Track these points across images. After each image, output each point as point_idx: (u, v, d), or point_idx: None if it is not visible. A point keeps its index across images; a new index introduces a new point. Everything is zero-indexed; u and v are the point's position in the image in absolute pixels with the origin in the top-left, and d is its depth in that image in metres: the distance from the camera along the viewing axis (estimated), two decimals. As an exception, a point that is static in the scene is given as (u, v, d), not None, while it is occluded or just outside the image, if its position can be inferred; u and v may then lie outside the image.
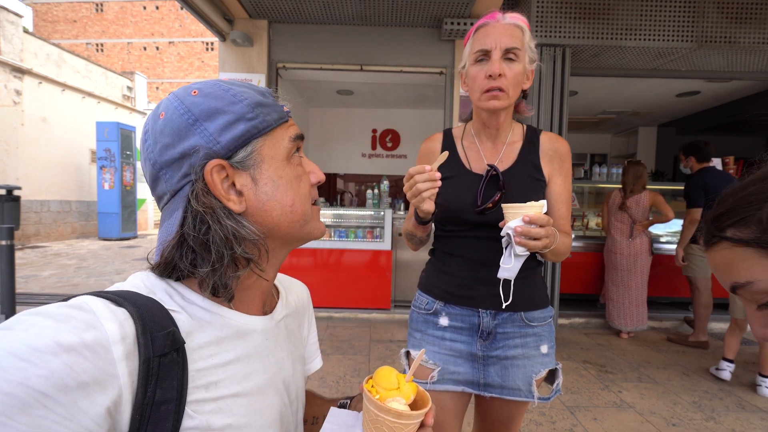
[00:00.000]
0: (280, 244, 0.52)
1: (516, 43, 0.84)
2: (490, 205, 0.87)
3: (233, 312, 0.48)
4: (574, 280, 3.93)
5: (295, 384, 0.56)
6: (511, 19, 0.86)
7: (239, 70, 3.53)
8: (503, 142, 0.96)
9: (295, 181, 0.50)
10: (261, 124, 0.46)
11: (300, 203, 0.50)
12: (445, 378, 0.94)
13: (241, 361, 0.46)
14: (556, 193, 0.95)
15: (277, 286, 0.62)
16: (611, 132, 7.15)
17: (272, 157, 0.48)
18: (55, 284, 4.77)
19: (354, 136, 5.79)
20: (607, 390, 2.37)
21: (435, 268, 1.02)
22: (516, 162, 0.94)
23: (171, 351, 0.38)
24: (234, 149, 0.45)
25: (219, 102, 0.45)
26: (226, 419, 0.43)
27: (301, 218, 0.50)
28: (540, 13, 3.08)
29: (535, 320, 0.94)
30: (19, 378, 0.29)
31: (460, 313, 0.95)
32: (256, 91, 0.48)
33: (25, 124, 7.93)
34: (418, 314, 1.01)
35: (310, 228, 0.53)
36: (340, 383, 2.36)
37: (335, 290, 3.68)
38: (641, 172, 3.21)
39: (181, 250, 0.44)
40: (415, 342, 1.00)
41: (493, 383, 0.94)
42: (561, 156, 0.95)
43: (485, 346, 0.94)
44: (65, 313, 0.34)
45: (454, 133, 1.02)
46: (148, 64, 21.96)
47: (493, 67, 0.84)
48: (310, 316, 0.69)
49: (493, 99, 0.86)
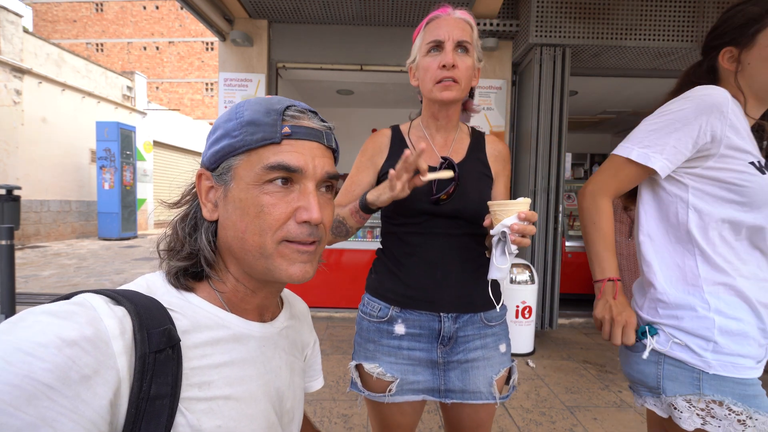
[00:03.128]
0: (243, 271, 0.50)
1: (467, 37, 0.85)
2: (444, 196, 0.86)
3: (232, 316, 0.49)
4: (574, 280, 3.93)
5: (291, 395, 0.57)
6: (461, 15, 0.87)
7: (239, 70, 3.53)
8: (453, 137, 0.96)
9: (253, 209, 0.46)
10: (238, 143, 0.47)
11: (252, 234, 0.46)
12: (404, 389, 0.89)
13: (235, 364, 0.47)
14: (501, 193, 0.96)
15: (282, 298, 0.63)
16: (611, 132, 7.15)
17: (241, 178, 0.47)
18: (54, 284, 4.77)
19: (354, 136, 5.79)
20: (607, 390, 2.37)
21: (387, 269, 0.94)
22: (466, 157, 0.94)
23: (167, 348, 0.39)
24: (214, 162, 0.49)
25: (225, 116, 0.49)
26: (217, 420, 0.43)
27: (254, 250, 0.47)
28: (540, 13, 3.08)
29: (494, 319, 0.93)
30: (24, 371, 0.30)
31: (419, 319, 0.89)
32: (265, 110, 0.47)
33: (25, 124, 7.93)
34: (370, 323, 0.93)
35: (269, 265, 0.47)
36: (340, 383, 2.36)
37: (335, 290, 3.69)
38: None
39: (175, 234, 0.51)
40: (368, 354, 0.91)
41: (453, 388, 0.90)
42: (504, 158, 0.98)
43: (446, 352, 0.90)
44: (67, 310, 0.36)
45: (401, 128, 1.00)
46: (148, 63, 21.96)
47: (446, 57, 0.83)
48: (315, 338, 0.70)
49: (446, 90, 0.85)
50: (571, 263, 3.88)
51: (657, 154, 0.77)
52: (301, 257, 0.48)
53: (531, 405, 2.16)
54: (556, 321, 3.44)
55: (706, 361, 0.72)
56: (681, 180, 0.79)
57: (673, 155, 0.76)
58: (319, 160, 0.48)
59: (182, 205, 0.53)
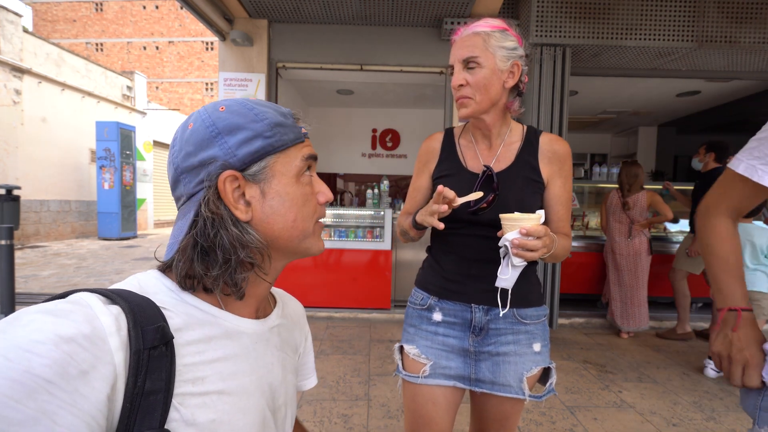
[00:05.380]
0: (280, 255, 0.55)
1: (473, 51, 0.88)
2: (484, 205, 0.88)
3: (225, 313, 0.51)
4: (574, 280, 3.93)
5: (284, 391, 0.58)
6: (471, 29, 0.90)
7: (239, 70, 3.53)
8: (500, 142, 0.97)
9: (301, 199, 0.52)
10: (277, 143, 0.50)
11: (302, 220, 0.53)
12: (437, 372, 0.95)
13: (228, 359, 0.49)
14: (556, 195, 0.96)
15: (275, 296, 0.65)
16: (611, 132, 7.15)
17: (283, 174, 0.51)
18: (54, 284, 4.77)
19: (354, 136, 5.79)
20: (607, 390, 2.37)
21: (430, 265, 1.04)
22: (513, 163, 0.95)
23: (160, 344, 0.41)
24: (249, 163, 0.49)
25: (242, 119, 0.49)
26: (210, 414, 0.44)
27: (300, 234, 0.53)
28: (540, 13, 3.08)
29: (528, 318, 0.95)
30: (24, 366, 0.31)
31: (453, 309, 0.97)
32: (278, 112, 0.52)
33: (24, 124, 7.92)
34: (413, 310, 1.03)
35: (308, 243, 0.55)
36: (340, 383, 2.36)
37: (335, 290, 3.68)
38: (636, 172, 3.23)
39: (194, 251, 0.47)
40: (409, 337, 1.01)
41: (484, 378, 0.94)
42: (560, 158, 0.95)
43: (477, 342, 0.95)
44: (63, 308, 0.37)
45: (454, 131, 1.05)
46: (148, 63, 21.94)
47: (454, 79, 0.91)
48: (307, 335, 0.71)
49: (462, 107, 0.92)
50: (571, 263, 3.88)
51: None
52: (322, 232, 0.58)
53: (531, 405, 2.16)
54: (557, 321, 3.44)
55: None
56: None
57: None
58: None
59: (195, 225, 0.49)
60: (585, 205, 4.54)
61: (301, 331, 0.70)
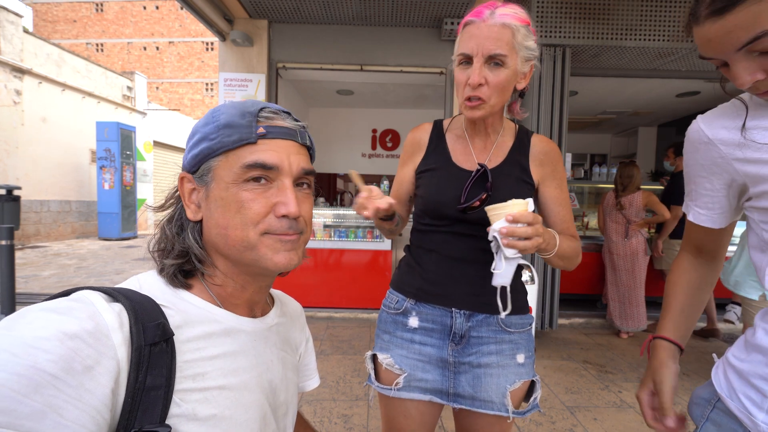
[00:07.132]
0: (231, 263, 0.52)
1: (501, 48, 0.76)
2: (476, 203, 0.82)
3: (223, 311, 0.52)
4: (574, 280, 3.93)
5: (285, 389, 0.59)
6: (500, 18, 0.77)
7: (239, 70, 3.53)
8: (493, 140, 0.91)
9: (234, 206, 0.48)
10: (216, 145, 0.49)
11: (234, 229, 0.48)
12: (411, 385, 0.87)
13: (227, 356, 0.49)
14: (553, 197, 0.90)
15: (273, 297, 0.66)
16: (611, 132, 7.15)
17: (221, 178, 0.49)
18: (55, 284, 4.77)
19: (354, 136, 5.79)
20: (607, 390, 2.37)
21: (408, 264, 0.96)
22: (504, 162, 0.89)
23: (161, 341, 0.42)
24: (194, 165, 0.51)
25: (201, 122, 0.51)
26: (211, 410, 0.45)
27: (237, 244, 0.49)
28: (540, 13, 3.08)
29: (513, 326, 0.88)
30: (30, 362, 0.32)
31: (432, 313, 0.89)
32: (238, 112, 0.50)
33: (25, 124, 7.93)
34: (387, 314, 0.95)
35: (254, 256, 0.49)
36: (340, 383, 2.36)
37: (335, 290, 3.69)
38: (632, 172, 3.25)
39: (162, 233, 0.53)
40: (383, 345, 0.93)
41: (463, 393, 0.86)
42: (552, 159, 0.90)
43: (457, 351, 0.87)
44: (66, 306, 0.37)
45: (443, 124, 0.97)
46: (148, 64, 21.95)
47: (473, 76, 0.77)
48: (307, 335, 0.72)
49: (473, 110, 0.81)
50: (571, 263, 3.89)
51: None
52: (284, 246, 0.50)
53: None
54: (556, 321, 3.44)
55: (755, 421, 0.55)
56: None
57: None
58: (295, 157, 0.51)
59: (167, 208, 0.55)
60: (585, 206, 4.55)
61: (302, 330, 0.70)
